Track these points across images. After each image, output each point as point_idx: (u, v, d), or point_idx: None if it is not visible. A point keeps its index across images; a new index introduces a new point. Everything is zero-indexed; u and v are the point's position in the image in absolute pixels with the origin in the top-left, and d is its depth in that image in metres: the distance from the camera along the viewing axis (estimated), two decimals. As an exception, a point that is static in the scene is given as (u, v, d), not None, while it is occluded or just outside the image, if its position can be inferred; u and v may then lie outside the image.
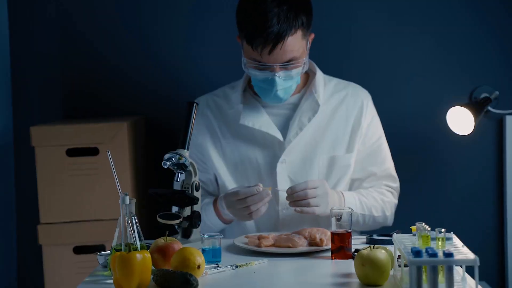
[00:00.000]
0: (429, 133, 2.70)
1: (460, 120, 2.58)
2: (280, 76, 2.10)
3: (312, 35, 2.17)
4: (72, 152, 2.39)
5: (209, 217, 2.19)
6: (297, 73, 2.13)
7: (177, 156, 1.93)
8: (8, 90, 2.71)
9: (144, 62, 2.72)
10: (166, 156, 1.93)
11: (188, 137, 1.98)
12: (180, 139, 1.97)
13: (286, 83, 2.12)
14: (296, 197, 2.03)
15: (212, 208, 2.19)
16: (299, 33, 2.08)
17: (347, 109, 2.25)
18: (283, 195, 2.19)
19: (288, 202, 2.05)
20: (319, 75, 2.26)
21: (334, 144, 2.22)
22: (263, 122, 2.21)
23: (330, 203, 2.07)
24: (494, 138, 2.72)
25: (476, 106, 2.59)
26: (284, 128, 2.22)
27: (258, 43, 2.06)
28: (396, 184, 2.30)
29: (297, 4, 2.09)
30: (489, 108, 2.68)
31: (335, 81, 2.30)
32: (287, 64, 2.09)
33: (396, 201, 2.28)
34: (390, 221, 2.26)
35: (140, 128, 2.64)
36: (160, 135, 2.73)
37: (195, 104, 2.01)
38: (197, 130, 2.26)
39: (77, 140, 2.38)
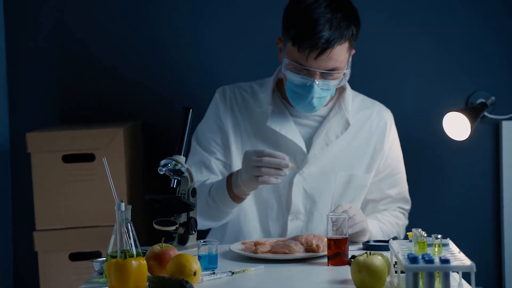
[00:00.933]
0: (426, 138, 2.70)
1: (457, 126, 2.58)
2: (318, 84, 2.06)
3: (353, 51, 2.14)
4: (68, 158, 2.39)
5: (217, 191, 2.09)
6: (334, 85, 2.09)
7: (173, 162, 1.93)
8: (4, 96, 2.71)
9: (141, 67, 2.72)
10: (162, 162, 1.93)
11: (184, 143, 1.98)
12: (176, 145, 1.97)
13: (322, 92, 2.08)
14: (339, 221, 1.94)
15: (225, 181, 2.09)
16: (346, 44, 2.06)
17: (371, 129, 2.23)
18: (296, 204, 2.16)
19: (333, 229, 1.90)
20: (349, 90, 2.23)
21: (354, 162, 2.20)
22: (289, 129, 2.18)
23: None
24: (490, 143, 2.72)
25: (473, 112, 2.59)
26: (308, 140, 2.19)
27: (306, 45, 2.03)
28: (409, 206, 2.30)
29: (350, 14, 2.07)
30: (486, 113, 2.68)
31: (360, 97, 2.28)
32: (328, 73, 2.06)
33: (407, 222, 2.30)
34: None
35: (137, 134, 2.64)
36: (157, 141, 2.72)
37: (191, 109, 2.01)
38: (224, 118, 2.22)
39: (73, 146, 2.38)
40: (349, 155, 2.20)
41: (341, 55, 2.06)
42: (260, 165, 1.94)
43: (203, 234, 2.35)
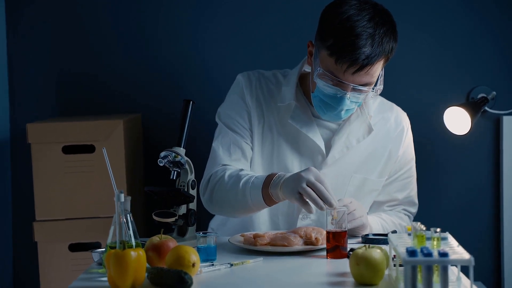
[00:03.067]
0: (426, 132, 2.70)
1: (457, 120, 2.58)
2: (349, 97, 2.00)
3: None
4: (68, 149, 2.39)
5: (252, 186, 1.98)
6: (363, 98, 2.04)
7: (173, 154, 1.93)
8: (5, 86, 2.71)
9: (141, 59, 2.72)
10: (162, 154, 1.93)
11: (184, 135, 1.98)
12: (176, 137, 1.97)
13: (351, 104, 2.03)
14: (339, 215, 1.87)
15: (264, 178, 1.98)
16: (383, 61, 2.00)
17: (388, 134, 2.19)
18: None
19: (333, 224, 1.84)
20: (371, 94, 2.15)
21: (368, 166, 2.17)
22: (311, 128, 2.13)
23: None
24: (491, 138, 2.72)
25: (473, 106, 2.59)
26: (327, 141, 2.14)
27: (346, 60, 1.93)
28: (415, 210, 2.27)
29: (391, 29, 2.00)
30: (486, 108, 2.67)
31: (379, 100, 2.23)
32: (361, 87, 1.99)
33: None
34: None
35: (137, 126, 2.64)
36: (157, 133, 2.72)
37: (191, 102, 2.01)
38: (249, 103, 2.15)
39: (73, 137, 2.38)
40: (365, 159, 2.17)
41: (377, 70, 2.00)
42: (311, 185, 1.84)
43: (203, 226, 2.36)
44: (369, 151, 2.17)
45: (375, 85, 2.03)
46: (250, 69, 2.27)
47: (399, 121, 2.22)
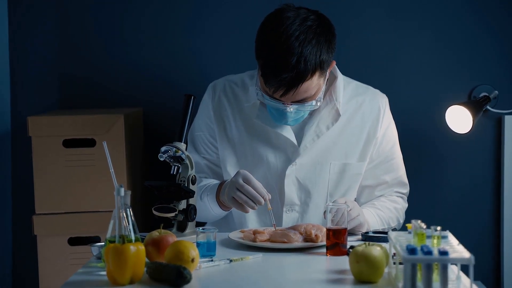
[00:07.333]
0: (428, 131, 2.70)
1: (459, 119, 2.58)
2: (291, 111, 2.04)
3: (333, 63, 2.08)
4: (69, 143, 2.38)
5: (209, 195, 2.12)
6: (309, 108, 2.07)
7: (174, 149, 1.93)
8: (6, 79, 2.70)
9: (143, 53, 2.72)
10: (163, 148, 1.93)
11: (185, 130, 1.98)
12: (177, 132, 1.96)
13: (297, 114, 2.07)
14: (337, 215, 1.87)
15: (217, 187, 2.12)
16: (316, 75, 2.00)
17: (364, 116, 2.20)
18: (289, 196, 2.16)
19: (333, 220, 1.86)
20: (340, 79, 2.18)
21: (347, 151, 2.18)
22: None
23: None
24: (492, 137, 2.72)
25: (475, 105, 2.58)
26: (299, 131, 2.16)
27: (271, 86, 1.99)
28: (407, 190, 2.28)
29: (321, 41, 1.99)
30: (488, 107, 2.67)
31: (354, 84, 2.24)
32: (300, 103, 2.04)
33: (406, 205, 2.27)
34: (401, 224, 2.25)
35: (137, 120, 2.64)
36: (157, 128, 2.72)
37: (192, 96, 2.00)
38: (213, 115, 2.21)
39: (74, 131, 2.38)
40: (342, 144, 2.18)
41: (309, 87, 2.01)
42: (240, 188, 1.96)
43: (202, 222, 2.35)
44: (346, 136, 2.19)
45: (325, 93, 2.08)
46: (249, 64, 2.28)
47: (374, 102, 2.23)
